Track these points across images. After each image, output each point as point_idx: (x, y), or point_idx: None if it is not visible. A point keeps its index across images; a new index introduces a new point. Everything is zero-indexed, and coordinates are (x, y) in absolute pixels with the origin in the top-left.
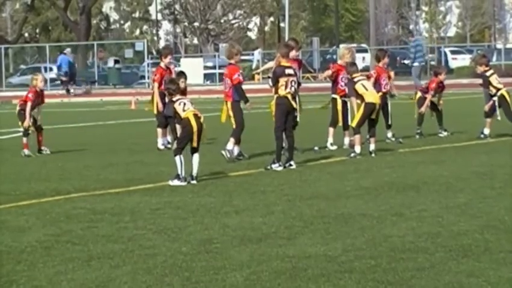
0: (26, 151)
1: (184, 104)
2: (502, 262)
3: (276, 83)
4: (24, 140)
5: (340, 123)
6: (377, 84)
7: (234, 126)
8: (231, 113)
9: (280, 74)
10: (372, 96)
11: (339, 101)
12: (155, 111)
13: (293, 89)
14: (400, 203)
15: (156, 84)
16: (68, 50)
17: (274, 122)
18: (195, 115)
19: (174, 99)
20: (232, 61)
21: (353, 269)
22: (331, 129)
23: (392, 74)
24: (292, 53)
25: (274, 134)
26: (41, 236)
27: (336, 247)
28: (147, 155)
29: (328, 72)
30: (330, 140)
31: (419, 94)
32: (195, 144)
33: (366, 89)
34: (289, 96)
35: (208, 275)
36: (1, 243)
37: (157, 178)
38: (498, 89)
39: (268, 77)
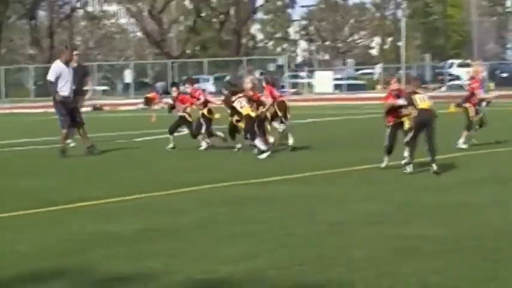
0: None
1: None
2: None
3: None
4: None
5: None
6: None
7: None
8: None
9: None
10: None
11: (472, 109)
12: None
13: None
14: (499, 193)
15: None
16: None
17: (408, 130)
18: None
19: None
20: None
21: (461, 248)
22: (464, 132)
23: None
24: (392, 86)
25: (407, 141)
26: (197, 217)
27: (445, 229)
28: (280, 154)
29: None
30: (462, 139)
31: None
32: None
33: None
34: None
35: (336, 251)
36: (164, 223)
37: (290, 171)
38: None
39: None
